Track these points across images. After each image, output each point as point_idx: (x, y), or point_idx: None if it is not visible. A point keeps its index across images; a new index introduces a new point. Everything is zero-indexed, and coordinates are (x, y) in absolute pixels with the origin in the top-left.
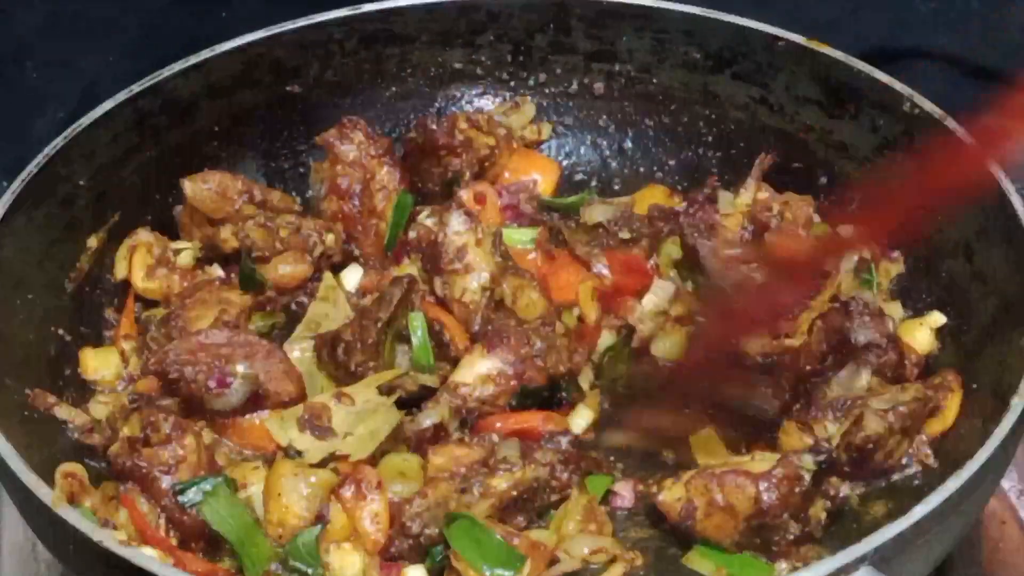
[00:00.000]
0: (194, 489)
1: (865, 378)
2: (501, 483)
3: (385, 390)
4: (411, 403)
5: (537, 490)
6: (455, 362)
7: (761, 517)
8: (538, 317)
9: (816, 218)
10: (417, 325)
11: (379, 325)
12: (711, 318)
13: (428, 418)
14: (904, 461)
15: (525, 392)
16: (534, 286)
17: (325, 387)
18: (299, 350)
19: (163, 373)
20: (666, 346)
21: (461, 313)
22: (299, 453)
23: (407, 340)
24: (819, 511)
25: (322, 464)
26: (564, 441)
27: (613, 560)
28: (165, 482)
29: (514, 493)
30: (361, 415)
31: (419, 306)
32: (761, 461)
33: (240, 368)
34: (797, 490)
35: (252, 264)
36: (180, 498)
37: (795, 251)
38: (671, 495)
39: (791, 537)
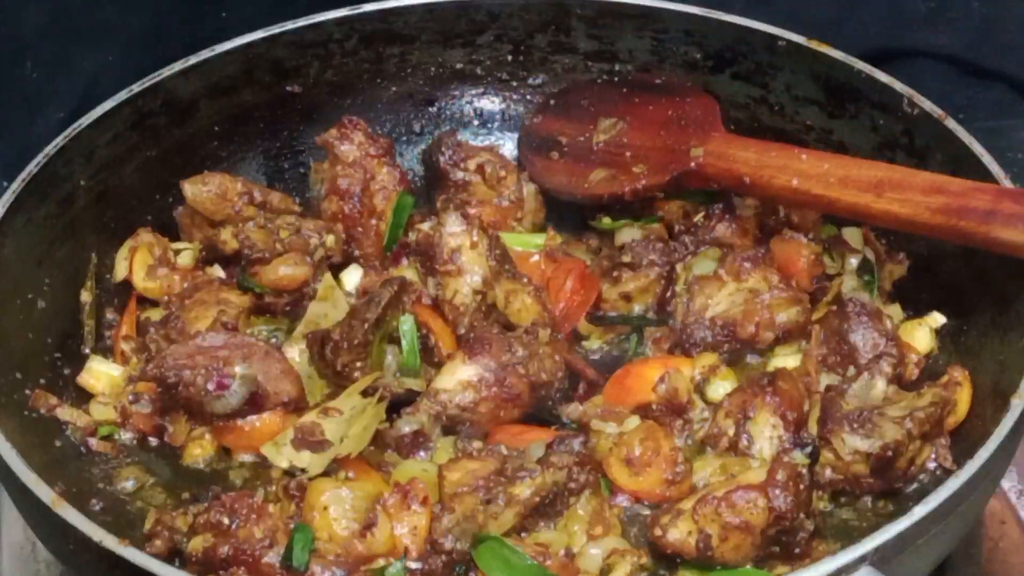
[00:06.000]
0: (297, 549)
1: (880, 387)
2: (524, 490)
3: (369, 392)
4: (400, 404)
5: (557, 494)
6: (440, 367)
7: (780, 523)
8: (531, 322)
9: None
10: (407, 328)
11: (366, 326)
12: None
13: (407, 424)
14: (931, 466)
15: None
16: (528, 291)
17: (324, 388)
18: (298, 351)
19: (162, 378)
20: None
21: (451, 314)
22: (303, 471)
23: (397, 342)
24: (818, 501)
25: (327, 472)
26: (576, 444)
27: (621, 556)
28: (271, 557)
29: (537, 499)
30: (351, 420)
31: (410, 309)
32: (754, 471)
33: (238, 369)
34: (802, 487)
35: (250, 278)
36: (291, 564)
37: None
38: (680, 532)
39: (808, 534)
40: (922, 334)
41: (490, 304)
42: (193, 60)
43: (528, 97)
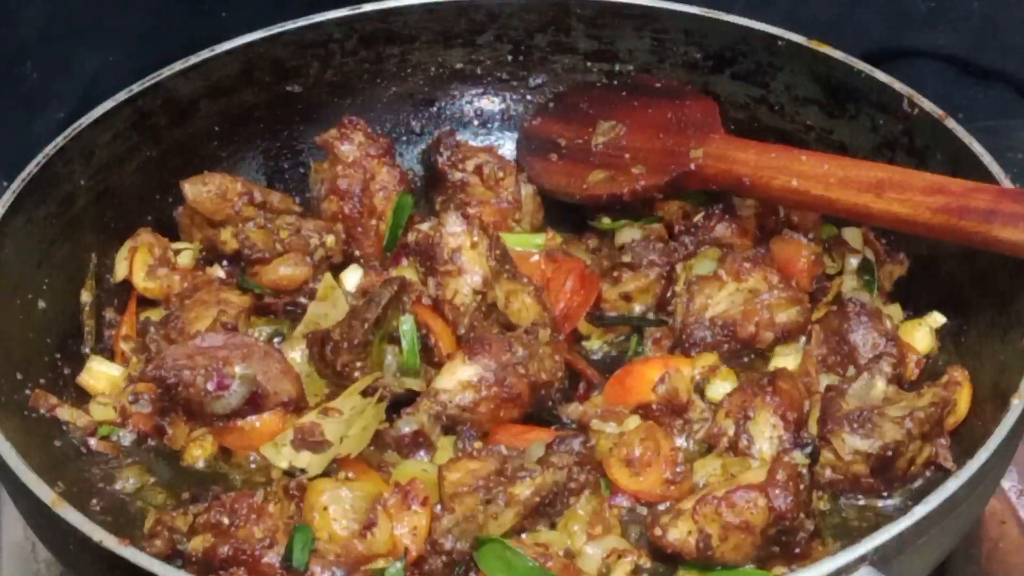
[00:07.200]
0: (297, 549)
1: (880, 387)
2: (524, 490)
3: (369, 391)
4: (400, 404)
5: (557, 494)
6: (440, 367)
7: (780, 523)
8: (531, 322)
9: None
10: (407, 328)
11: (366, 326)
12: None
13: (407, 425)
14: (931, 466)
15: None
16: (529, 291)
17: (324, 388)
18: (299, 351)
19: (161, 379)
20: None
21: (451, 314)
22: (303, 471)
23: (397, 342)
24: (818, 501)
25: (327, 472)
26: (576, 444)
27: (620, 556)
28: (271, 557)
29: (537, 499)
30: (351, 420)
31: (410, 309)
32: (754, 471)
33: (238, 369)
34: (802, 487)
35: (250, 278)
36: (291, 564)
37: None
38: (680, 532)
39: (808, 534)
40: (922, 334)
41: (490, 304)
42: (193, 60)
43: (528, 97)
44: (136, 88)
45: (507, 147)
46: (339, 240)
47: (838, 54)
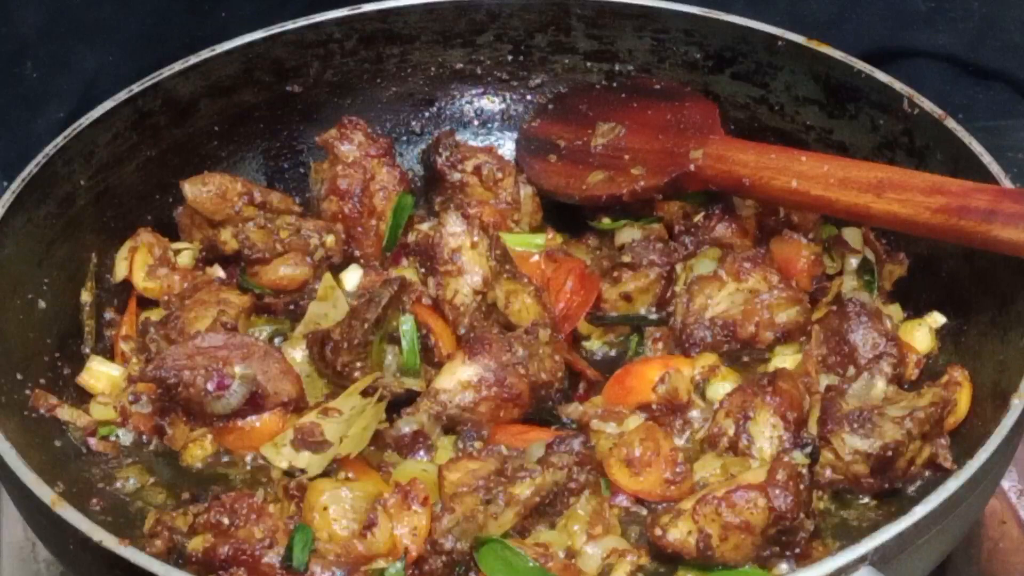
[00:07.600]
0: (297, 549)
1: (880, 386)
2: (524, 490)
3: (369, 391)
4: (400, 404)
5: (557, 494)
6: (440, 367)
7: (780, 523)
8: (531, 322)
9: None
10: (407, 328)
11: (366, 326)
12: None
13: (407, 425)
14: (931, 466)
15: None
16: (529, 291)
17: (324, 388)
18: (299, 351)
19: (161, 379)
20: None
21: (451, 314)
22: (303, 471)
23: (397, 342)
24: (817, 502)
25: (327, 472)
26: (576, 444)
27: (620, 556)
28: (271, 557)
29: (537, 499)
30: (351, 420)
31: (410, 309)
32: (754, 471)
33: (238, 369)
34: (802, 487)
35: (250, 278)
36: (291, 564)
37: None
38: (680, 531)
39: (808, 534)
40: (922, 334)
41: (490, 304)
42: (193, 60)
43: (528, 97)
44: (136, 88)
45: (507, 147)
46: (339, 240)
47: (838, 54)
